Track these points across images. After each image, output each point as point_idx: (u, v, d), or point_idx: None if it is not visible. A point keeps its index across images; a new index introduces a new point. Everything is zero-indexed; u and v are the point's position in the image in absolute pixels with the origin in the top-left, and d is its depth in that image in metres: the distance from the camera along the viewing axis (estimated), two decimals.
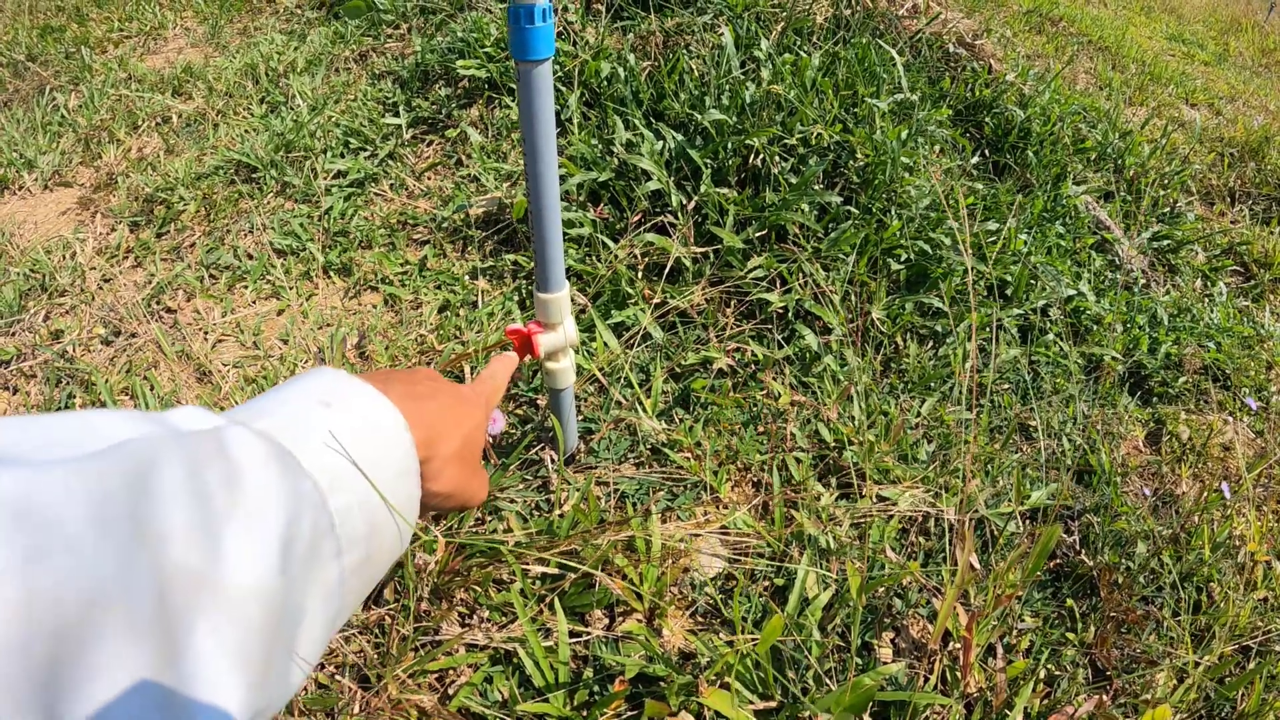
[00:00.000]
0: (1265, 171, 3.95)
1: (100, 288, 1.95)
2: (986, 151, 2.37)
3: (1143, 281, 2.42)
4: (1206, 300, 2.56)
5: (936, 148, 2.13)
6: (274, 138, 2.36)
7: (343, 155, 2.24)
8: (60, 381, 1.68)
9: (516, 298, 1.71)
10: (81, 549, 0.35)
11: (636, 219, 1.65)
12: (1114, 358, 1.95)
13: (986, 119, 2.39)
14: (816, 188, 1.71)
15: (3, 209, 2.33)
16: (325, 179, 2.14)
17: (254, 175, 2.25)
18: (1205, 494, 1.73)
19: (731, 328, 1.62)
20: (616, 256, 1.60)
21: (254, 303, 1.86)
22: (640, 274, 1.63)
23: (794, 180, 1.67)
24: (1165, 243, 2.67)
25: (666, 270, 1.59)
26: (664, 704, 1.04)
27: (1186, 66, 5.83)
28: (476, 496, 0.70)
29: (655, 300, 1.58)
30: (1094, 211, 2.42)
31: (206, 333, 1.79)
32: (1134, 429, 1.94)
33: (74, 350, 1.75)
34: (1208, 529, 1.59)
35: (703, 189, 1.63)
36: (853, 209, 1.72)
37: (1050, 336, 1.91)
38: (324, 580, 0.48)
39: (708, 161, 1.69)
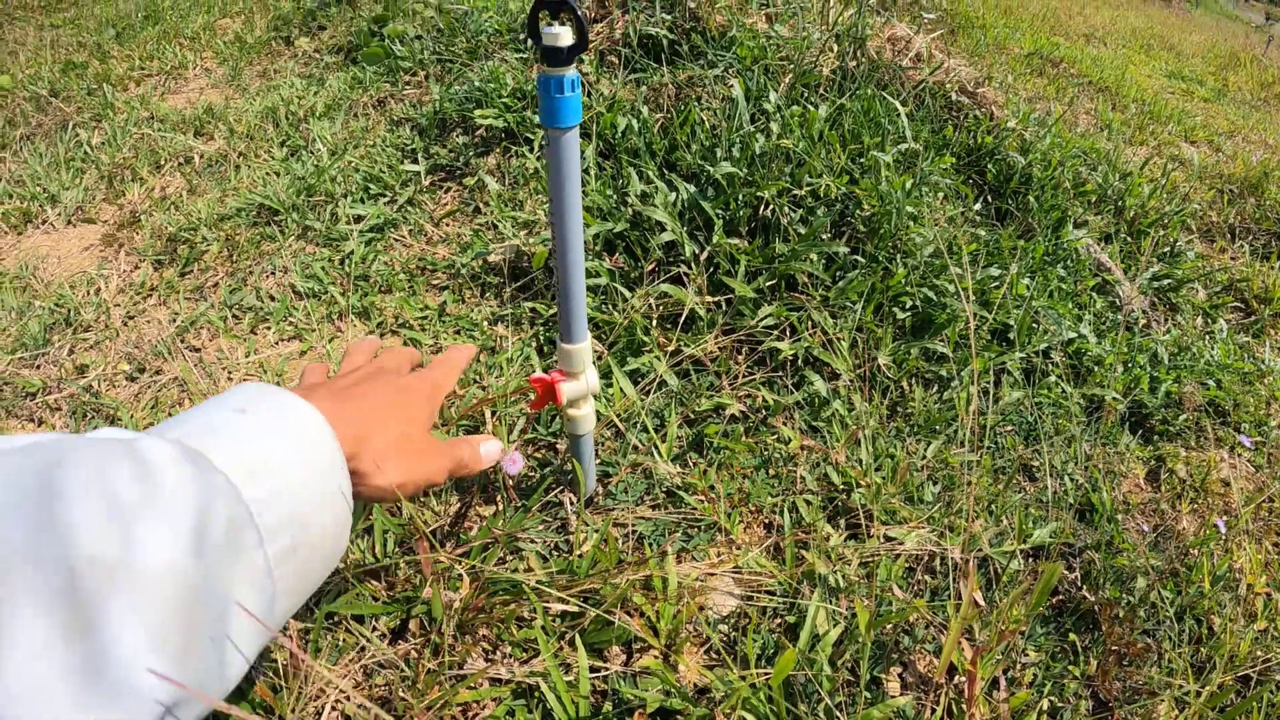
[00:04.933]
0: (1265, 207, 3.99)
1: (125, 324, 1.99)
2: (989, 197, 2.43)
3: (1143, 321, 2.46)
4: (1207, 337, 2.61)
5: (940, 195, 2.19)
6: (295, 181, 2.42)
7: (363, 201, 2.30)
8: (86, 415, 1.71)
9: (535, 344, 1.77)
10: None
11: (651, 268, 1.72)
12: (1115, 398, 2.00)
13: (989, 165, 2.46)
14: (825, 237, 1.78)
15: (27, 243, 2.39)
16: (346, 224, 2.20)
17: (276, 218, 2.31)
18: (1204, 529, 1.77)
19: (743, 375, 1.68)
20: (633, 306, 1.67)
21: (277, 344, 1.90)
22: (655, 322, 1.70)
23: (803, 230, 1.74)
24: (1166, 282, 2.71)
25: (681, 319, 1.65)
26: None
27: (1186, 104, 5.89)
28: (435, 475, 0.73)
29: (670, 348, 1.64)
30: (1095, 254, 2.48)
31: (231, 372, 1.83)
32: (1135, 467, 1.98)
33: (99, 385, 1.79)
34: (1207, 562, 1.63)
35: (715, 239, 1.69)
36: (859, 258, 1.78)
37: (1052, 378, 1.96)
38: (249, 568, 0.50)
39: (719, 213, 1.75)
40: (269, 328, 1.94)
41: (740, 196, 1.75)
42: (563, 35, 0.85)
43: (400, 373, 0.80)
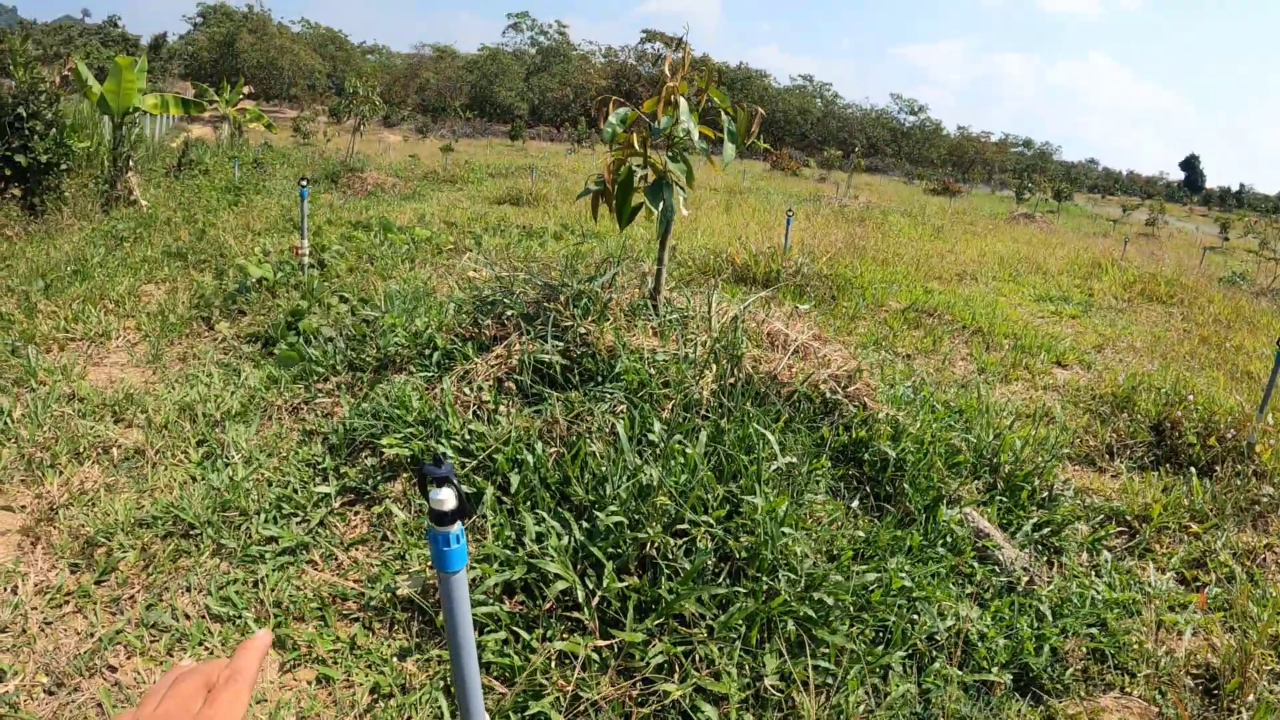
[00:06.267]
0: (1136, 421, 4.29)
1: (42, 630, 2.01)
2: (868, 487, 2.64)
3: (1025, 579, 2.62)
4: (1093, 572, 2.77)
5: (820, 496, 2.38)
6: (210, 493, 2.50)
7: (275, 520, 2.39)
8: None
9: (443, 683, 1.85)
10: None
11: (549, 607, 1.84)
12: (998, 674, 2.13)
13: (865, 455, 2.67)
14: (709, 563, 1.92)
15: None
16: (259, 544, 2.28)
17: (192, 531, 2.37)
18: None
19: (637, 714, 1.78)
20: (533, 649, 1.77)
21: None
22: (554, 662, 1.80)
23: (687, 566, 1.88)
24: (1047, 529, 2.88)
25: (578, 666, 1.76)
26: None
27: (1055, 327, 6.38)
28: None
29: (569, 690, 1.74)
30: (973, 522, 2.67)
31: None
32: None
33: (19, 698, 1.81)
34: None
35: (605, 582, 1.83)
36: (740, 588, 1.93)
37: (938, 664, 2.08)
38: None
39: (610, 552, 1.90)
40: (185, 650, 1.97)
41: (627, 538, 1.90)
42: (448, 500, 1.01)
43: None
